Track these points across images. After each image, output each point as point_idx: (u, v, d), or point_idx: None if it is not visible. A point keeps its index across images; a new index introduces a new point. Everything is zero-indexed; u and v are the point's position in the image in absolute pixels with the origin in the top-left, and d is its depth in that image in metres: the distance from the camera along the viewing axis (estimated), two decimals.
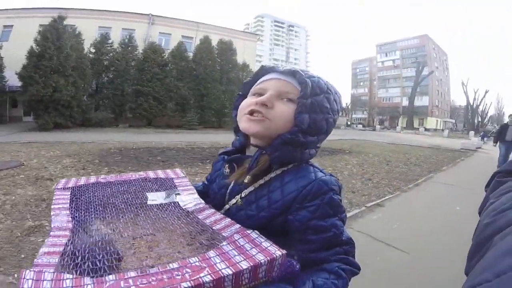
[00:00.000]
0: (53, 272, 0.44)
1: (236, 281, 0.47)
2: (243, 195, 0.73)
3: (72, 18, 21.33)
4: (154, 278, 0.44)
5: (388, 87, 69.23)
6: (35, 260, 0.48)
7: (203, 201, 0.73)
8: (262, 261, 0.49)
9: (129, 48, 20.94)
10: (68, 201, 0.70)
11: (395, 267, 2.58)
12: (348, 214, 3.79)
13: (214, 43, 23.09)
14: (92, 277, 0.45)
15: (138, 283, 0.43)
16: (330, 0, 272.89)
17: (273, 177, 0.72)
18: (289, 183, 0.69)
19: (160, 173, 0.89)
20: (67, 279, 0.42)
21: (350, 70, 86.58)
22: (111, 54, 20.29)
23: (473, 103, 51.17)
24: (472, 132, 30.37)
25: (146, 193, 0.77)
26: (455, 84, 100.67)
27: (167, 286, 0.42)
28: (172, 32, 25.98)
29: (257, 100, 0.70)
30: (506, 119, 8.82)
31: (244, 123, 0.72)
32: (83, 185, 0.79)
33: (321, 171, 0.73)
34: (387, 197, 4.88)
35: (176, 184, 0.82)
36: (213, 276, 0.45)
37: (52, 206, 0.68)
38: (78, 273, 0.47)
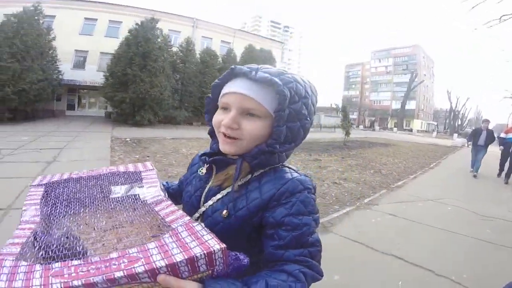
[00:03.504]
0: (13, 260, 0.51)
1: (173, 272, 0.51)
2: (219, 196, 0.78)
3: (118, 15, 24.12)
4: (93, 267, 0.49)
5: (380, 91, 78.23)
6: (0, 249, 0.54)
7: (162, 194, 0.76)
8: (198, 254, 0.51)
9: (190, 51, 22.55)
10: (40, 197, 0.75)
11: (466, 173, 9.73)
12: (435, 163, 10.88)
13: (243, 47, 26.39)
14: (42, 264, 0.51)
15: (78, 270, 0.49)
16: (328, 7, 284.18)
17: (250, 179, 0.77)
18: (267, 183, 0.74)
19: (130, 167, 0.93)
20: (22, 265, 0.50)
21: (343, 73, 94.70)
22: (174, 57, 21.59)
23: (455, 108, 60.42)
24: (455, 134, 38.55)
25: (111, 187, 0.81)
26: (438, 89, 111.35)
27: (103, 274, 0.47)
28: (213, 36, 28.71)
29: (223, 123, 0.73)
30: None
31: (221, 145, 0.76)
32: (56, 181, 0.84)
33: (296, 172, 0.79)
34: (442, 159, 12.17)
35: (143, 177, 0.86)
36: (146, 266, 0.48)
37: (24, 202, 0.73)
38: (32, 261, 0.53)
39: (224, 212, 0.74)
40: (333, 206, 4.50)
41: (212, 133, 0.84)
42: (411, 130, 53.70)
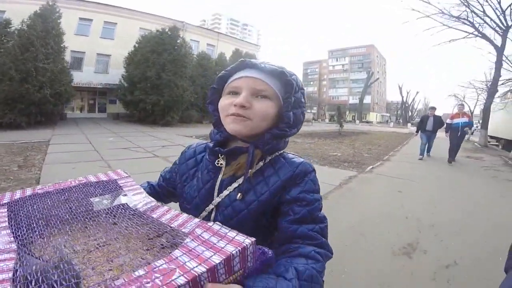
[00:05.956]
0: None
1: (212, 278, 0.47)
2: (236, 185, 0.82)
3: (115, 16, 25.15)
4: None
5: (338, 88, 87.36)
6: None
7: (153, 199, 0.73)
8: (234, 252, 0.49)
9: (187, 55, 23.03)
10: (6, 219, 0.65)
11: None
12: (406, 141, 17.26)
13: (228, 50, 28.98)
14: None
15: None
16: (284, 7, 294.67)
17: (264, 165, 0.84)
18: (282, 167, 0.83)
19: (102, 176, 0.88)
20: None
21: (302, 70, 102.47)
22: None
23: (406, 101, 70.23)
24: (409, 124, 46.78)
25: (90, 199, 0.74)
26: (390, 85, 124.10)
27: None
28: (200, 39, 31.10)
29: (236, 102, 0.78)
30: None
31: (230, 125, 0.80)
32: (19, 198, 0.76)
33: (300, 157, 0.89)
34: (409, 139, 18.57)
35: (121, 185, 0.82)
36: (186, 276, 0.44)
37: None
38: None
39: (239, 195, 0.80)
40: (380, 156, 10.19)
41: (216, 123, 0.89)
42: (371, 122, 62.02)
